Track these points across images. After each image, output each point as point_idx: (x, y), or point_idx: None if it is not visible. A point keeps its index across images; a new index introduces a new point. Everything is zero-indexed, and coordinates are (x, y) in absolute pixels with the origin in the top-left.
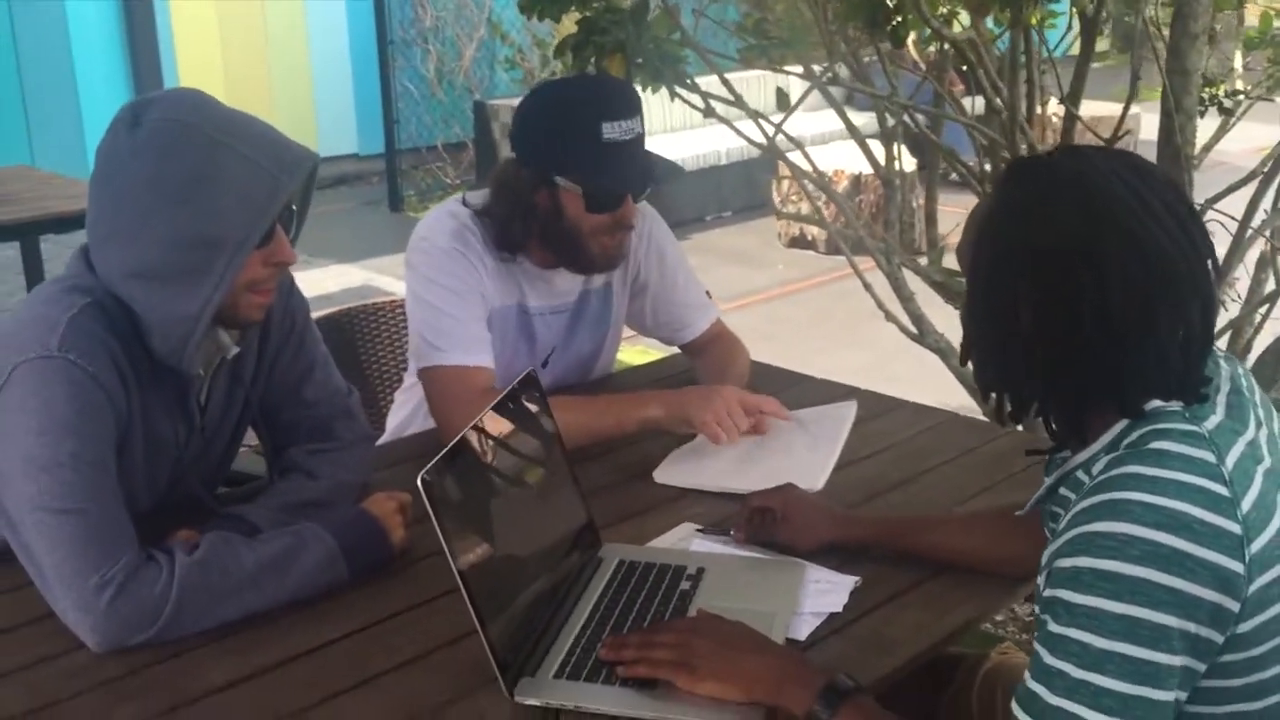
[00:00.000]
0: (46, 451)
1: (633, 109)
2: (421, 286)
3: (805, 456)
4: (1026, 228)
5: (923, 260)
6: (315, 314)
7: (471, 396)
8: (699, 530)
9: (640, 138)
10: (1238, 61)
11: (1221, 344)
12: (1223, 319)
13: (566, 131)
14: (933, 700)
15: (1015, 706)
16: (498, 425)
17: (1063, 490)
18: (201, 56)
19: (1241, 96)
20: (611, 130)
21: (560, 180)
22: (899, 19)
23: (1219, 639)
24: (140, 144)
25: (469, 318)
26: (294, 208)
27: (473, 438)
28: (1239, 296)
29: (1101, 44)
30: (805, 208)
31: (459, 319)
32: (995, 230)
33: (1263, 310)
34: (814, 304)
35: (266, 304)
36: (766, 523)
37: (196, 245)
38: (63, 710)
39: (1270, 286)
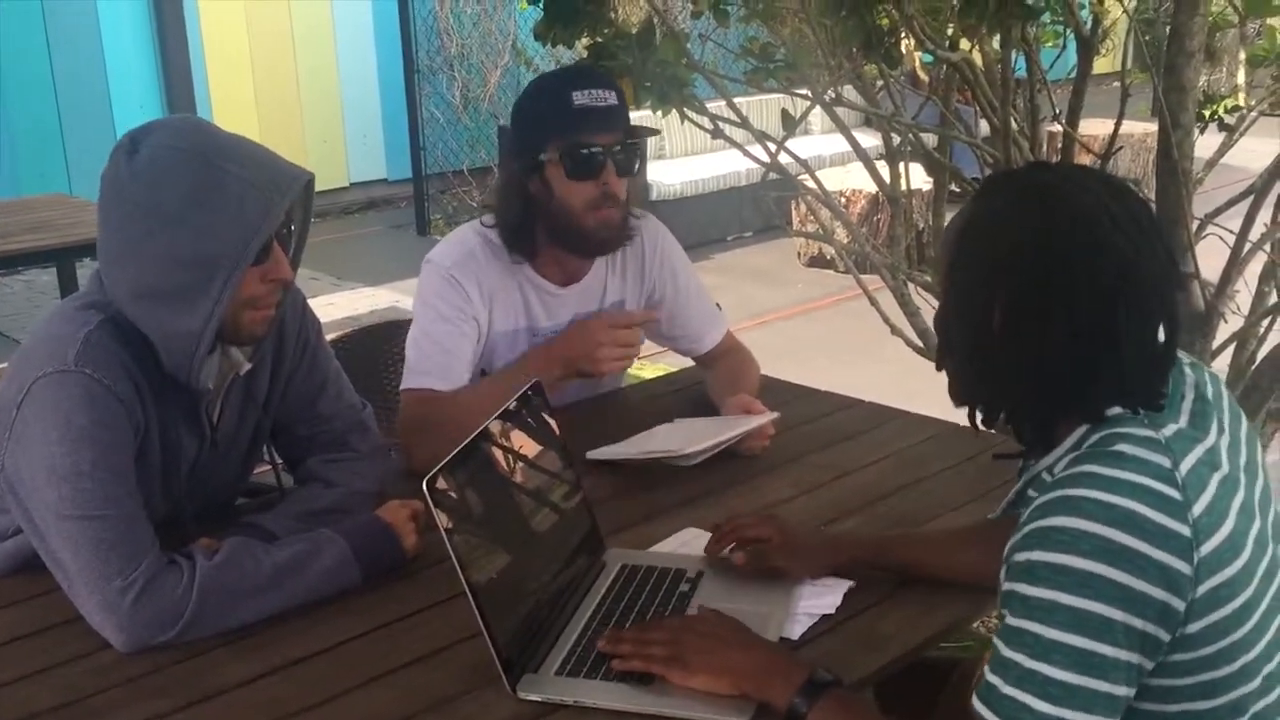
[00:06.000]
0: (67, 461)
1: (603, 82)
2: (418, 306)
3: (698, 431)
4: (997, 236)
5: (928, 276)
6: (340, 333)
7: (430, 424)
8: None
9: (615, 109)
10: (1241, 77)
11: (1225, 356)
12: (1223, 332)
13: (542, 105)
14: (927, 703)
15: (974, 698)
16: (504, 433)
17: (1030, 493)
18: (234, 88)
19: (1244, 111)
20: (581, 97)
21: (543, 156)
22: (892, 40)
23: (1165, 637)
24: (137, 170)
25: (453, 345)
26: (292, 226)
27: (479, 444)
28: (1238, 309)
29: (1109, 64)
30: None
31: (442, 345)
32: (968, 240)
33: (1265, 322)
34: (833, 321)
35: (268, 319)
36: (761, 552)
37: (193, 264)
38: (90, 706)
39: (1274, 299)
